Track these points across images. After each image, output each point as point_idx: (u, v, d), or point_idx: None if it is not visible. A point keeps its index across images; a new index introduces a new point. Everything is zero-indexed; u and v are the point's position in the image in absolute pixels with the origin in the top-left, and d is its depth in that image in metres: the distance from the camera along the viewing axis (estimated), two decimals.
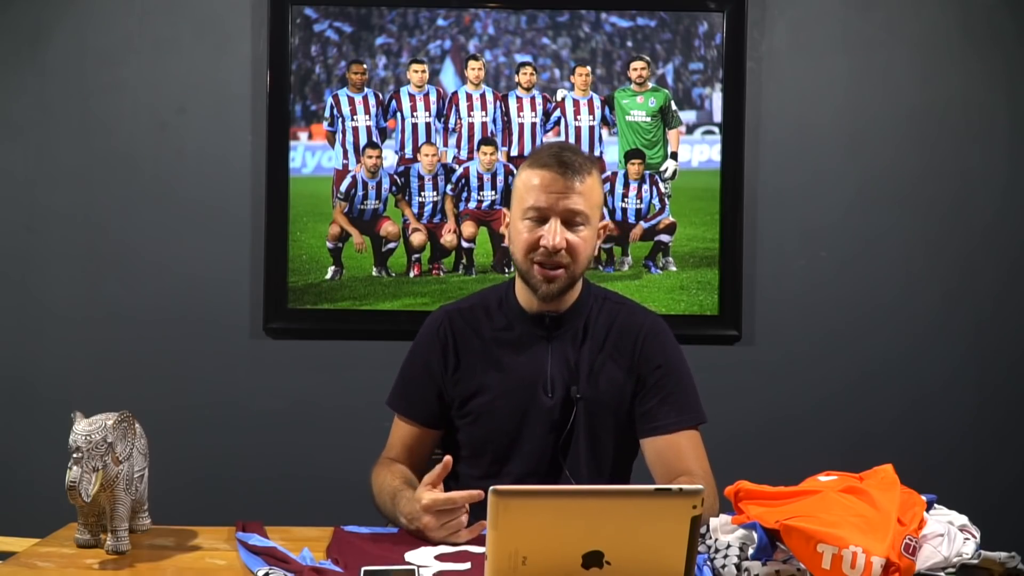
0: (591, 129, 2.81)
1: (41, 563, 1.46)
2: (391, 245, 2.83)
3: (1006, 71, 2.83)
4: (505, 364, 1.82)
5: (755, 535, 1.34)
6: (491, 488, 1.16)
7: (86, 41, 2.82)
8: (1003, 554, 1.39)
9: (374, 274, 2.83)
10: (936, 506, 1.45)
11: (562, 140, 2.78)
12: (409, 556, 1.50)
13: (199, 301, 2.82)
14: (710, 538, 1.41)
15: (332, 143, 2.82)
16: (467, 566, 1.45)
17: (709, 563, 1.38)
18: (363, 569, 1.39)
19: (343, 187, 2.81)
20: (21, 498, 2.78)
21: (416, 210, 2.82)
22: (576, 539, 1.18)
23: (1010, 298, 2.85)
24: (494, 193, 2.82)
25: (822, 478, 1.43)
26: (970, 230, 2.84)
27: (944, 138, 2.84)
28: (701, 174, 2.83)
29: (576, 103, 2.81)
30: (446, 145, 2.82)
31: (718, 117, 2.81)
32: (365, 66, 2.81)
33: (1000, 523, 1.99)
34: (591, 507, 1.19)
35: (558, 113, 2.81)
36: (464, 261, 2.83)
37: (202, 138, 2.83)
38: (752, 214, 2.82)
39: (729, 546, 1.37)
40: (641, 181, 2.82)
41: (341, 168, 2.81)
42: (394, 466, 1.81)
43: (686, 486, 1.18)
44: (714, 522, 1.42)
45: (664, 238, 2.83)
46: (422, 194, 2.82)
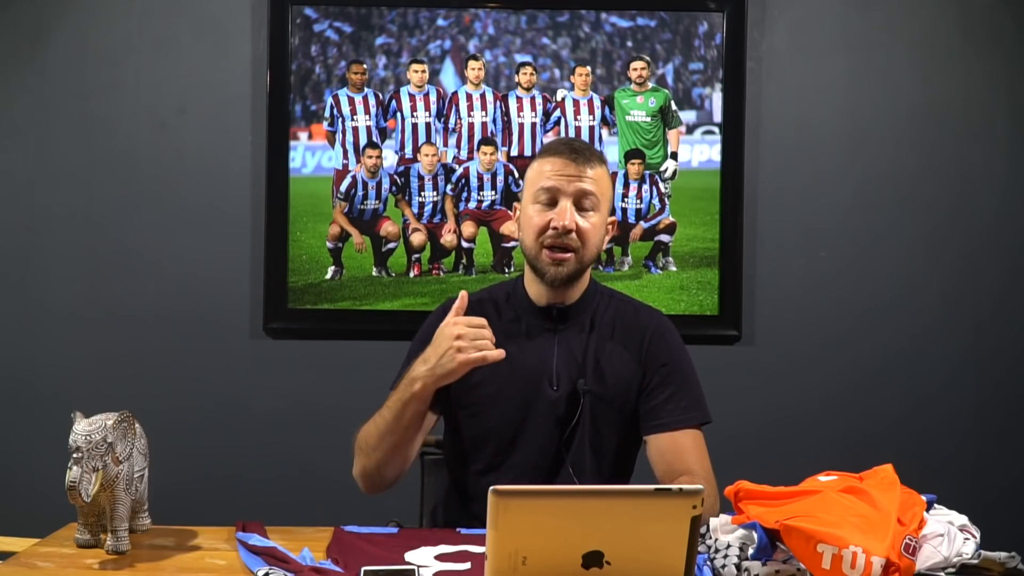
0: (591, 129, 2.81)
1: (41, 563, 1.46)
2: (391, 245, 2.83)
3: (1006, 71, 2.83)
4: (511, 355, 1.82)
5: (755, 535, 1.34)
6: (491, 488, 1.16)
7: (86, 41, 2.82)
8: (1003, 554, 1.39)
9: (374, 274, 2.83)
10: (936, 506, 1.45)
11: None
12: (409, 556, 1.50)
13: (199, 301, 2.82)
14: (710, 538, 1.41)
15: (332, 143, 2.82)
16: (467, 566, 1.45)
17: (709, 563, 1.38)
18: (363, 569, 1.39)
19: (343, 187, 2.81)
20: (21, 498, 2.78)
21: (416, 210, 2.82)
22: (576, 539, 1.18)
23: (1010, 298, 2.85)
24: (494, 193, 2.82)
25: (822, 478, 1.43)
26: (970, 230, 2.84)
27: (944, 138, 2.84)
28: (701, 174, 2.83)
29: (576, 103, 2.81)
30: (446, 145, 2.82)
31: (718, 117, 2.81)
32: (365, 66, 2.81)
33: (1000, 523, 1.99)
34: (591, 507, 1.19)
35: (558, 113, 2.81)
36: (464, 261, 2.83)
37: (202, 138, 2.83)
38: (752, 214, 2.83)
39: (729, 546, 1.37)
40: (641, 181, 2.82)
41: (341, 168, 2.81)
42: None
43: (686, 486, 1.18)
44: (714, 522, 1.42)
45: (664, 238, 2.83)
46: (422, 194, 2.82)
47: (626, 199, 2.82)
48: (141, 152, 2.83)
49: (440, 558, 1.49)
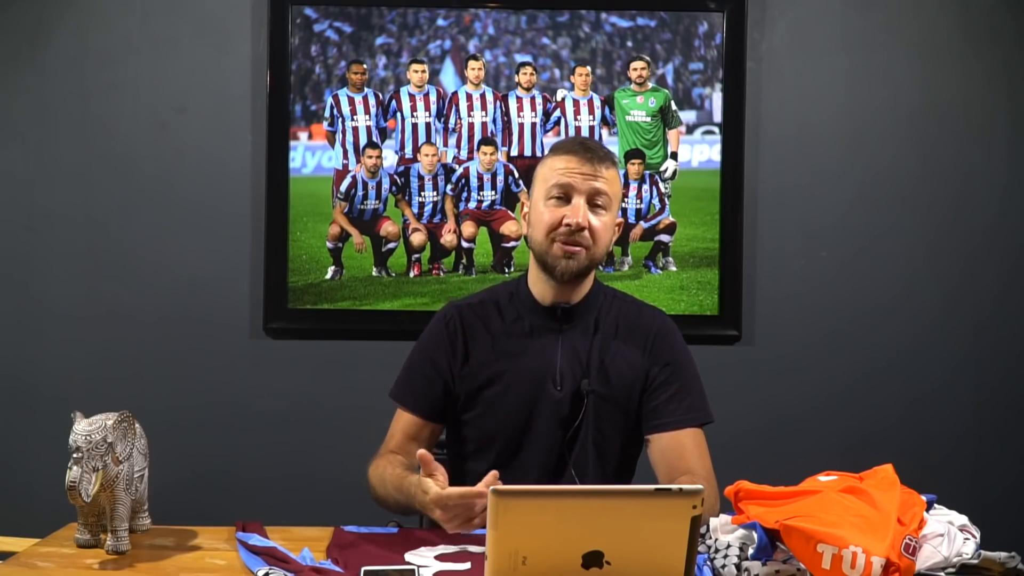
0: (591, 129, 2.81)
1: (41, 563, 1.46)
2: (391, 245, 2.83)
3: (1006, 71, 2.83)
4: (515, 356, 1.82)
5: (755, 535, 1.34)
6: (491, 488, 1.16)
7: (86, 41, 2.82)
8: (1003, 554, 1.39)
9: (374, 274, 2.83)
10: (936, 506, 1.45)
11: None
12: (409, 556, 1.50)
13: (199, 301, 2.82)
14: (710, 538, 1.41)
15: (332, 143, 2.82)
16: (467, 566, 1.45)
17: (709, 563, 1.38)
18: (363, 569, 1.39)
19: (343, 187, 2.81)
20: (21, 498, 2.78)
21: (416, 210, 2.82)
22: (576, 539, 1.18)
23: (1010, 298, 2.85)
24: (494, 193, 2.82)
25: (822, 478, 1.43)
26: (970, 230, 2.84)
27: (944, 138, 2.84)
28: (701, 174, 2.83)
29: (576, 103, 2.81)
30: (446, 145, 2.82)
31: (718, 117, 2.81)
32: (365, 66, 2.81)
33: (1000, 523, 1.99)
34: (591, 507, 1.19)
35: (558, 113, 2.81)
36: (464, 261, 2.83)
37: (202, 138, 2.83)
38: (752, 214, 2.83)
39: (729, 546, 1.37)
40: (641, 181, 2.82)
41: (341, 168, 2.81)
42: (391, 456, 1.81)
43: (686, 486, 1.18)
44: (714, 522, 1.42)
45: (664, 238, 2.83)
46: (422, 194, 2.82)
47: (626, 199, 2.82)
48: (141, 152, 2.83)
49: (440, 558, 1.49)
